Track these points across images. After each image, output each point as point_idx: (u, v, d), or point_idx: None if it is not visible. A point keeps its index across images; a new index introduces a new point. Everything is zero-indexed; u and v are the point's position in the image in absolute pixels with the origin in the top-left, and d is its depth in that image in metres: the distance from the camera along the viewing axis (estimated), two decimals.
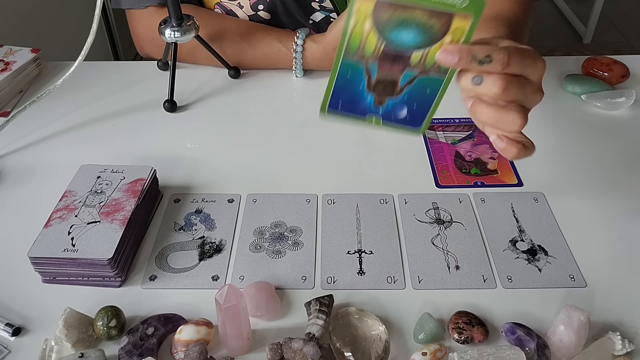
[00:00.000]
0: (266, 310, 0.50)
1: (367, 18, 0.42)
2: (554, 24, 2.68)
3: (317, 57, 0.78)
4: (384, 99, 0.46)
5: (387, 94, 0.46)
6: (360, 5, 0.41)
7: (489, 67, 0.42)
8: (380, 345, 0.47)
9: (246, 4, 0.81)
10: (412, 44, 0.43)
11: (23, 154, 0.70)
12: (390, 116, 0.47)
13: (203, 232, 0.59)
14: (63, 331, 0.47)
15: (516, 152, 0.46)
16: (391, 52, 0.43)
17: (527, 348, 0.47)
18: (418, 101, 0.46)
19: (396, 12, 0.41)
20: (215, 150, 0.71)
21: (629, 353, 0.47)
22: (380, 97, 0.46)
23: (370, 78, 0.45)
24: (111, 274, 0.53)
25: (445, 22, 0.41)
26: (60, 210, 0.56)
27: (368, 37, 0.43)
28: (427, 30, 0.42)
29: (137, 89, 0.82)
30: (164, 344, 0.49)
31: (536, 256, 0.56)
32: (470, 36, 0.42)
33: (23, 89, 0.81)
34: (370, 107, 0.46)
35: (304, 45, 0.78)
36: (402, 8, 0.41)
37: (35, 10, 1.53)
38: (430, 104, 0.46)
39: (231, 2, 0.82)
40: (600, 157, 0.69)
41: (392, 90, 0.45)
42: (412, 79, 0.45)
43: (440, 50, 0.42)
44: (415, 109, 0.46)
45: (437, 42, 0.42)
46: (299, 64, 0.79)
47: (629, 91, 0.76)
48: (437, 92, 0.45)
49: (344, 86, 0.46)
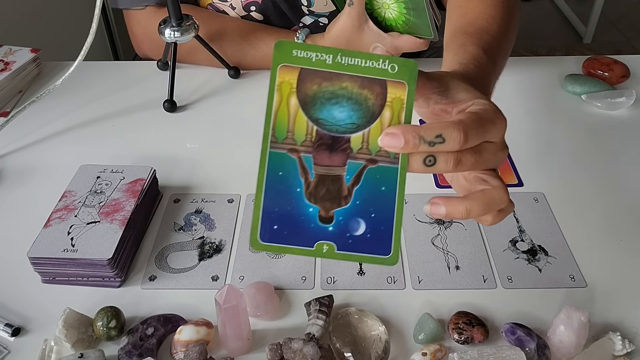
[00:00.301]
0: (266, 310, 0.50)
1: (292, 94, 0.37)
2: (554, 24, 2.68)
3: None
4: (330, 209, 0.37)
5: (334, 202, 0.37)
6: (282, 79, 0.37)
7: (442, 147, 0.36)
8: (380, 346, 0.47)
9: (238, 5, 0.81)
10: (348, 123, 0.37)
11: (23, 154, 0.70)
12: (346, 241, 0.37)
13: (203, 232, 0.59)
14: (63, 331, 0.47)
15: (491, 220, 0.41)
16: (326, 137, 0.37)
17: (527, 348, 0.47)
18: (375, 207, 0.37)
19: (323, 83, 0.37)
20: (215, 150, 0.71)
21: (629, 353, 0.47)
22: (326, 209, 0.37)
23: (308, 178, 0.37)
24: (111, 274, 0.53)
25: (380, 93, 0.37)
26: (60, 210, 0.56)
27: (296, 118, 0.37)
28: (361, 104, 0.37)
29: (136, 89, 0.81)
30: (164, 344, 0.49)
31: (536, 256, 0.56)
32: (411, 106, 0.37)
33: (23, 89, 0.81)
34: (317, 227, 0.37)
35: None
36: (328, 79, 0.37)
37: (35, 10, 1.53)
38: (392, 211, 0.37)
39: (223, 3, 0.82)
40: (600, 157, 0.69)
41: (338, 194, 0.37)
42: (359, 173, 0.37)
43: (383, 134, 0.36)
44: (375, 219, 0.37)
45: (375, 118, 0.37)
46: None
47: (629, 91, 0.76)
48: (394, 188, 0.37)
49: (277, 196, 0.37)
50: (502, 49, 0.56)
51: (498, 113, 0.40)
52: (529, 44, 2.46)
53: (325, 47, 0.37)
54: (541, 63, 0.86)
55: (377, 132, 0.37)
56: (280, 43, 0.37)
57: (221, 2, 0.82)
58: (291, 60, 0.37)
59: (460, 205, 0.38)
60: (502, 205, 0.40)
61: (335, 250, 0.37)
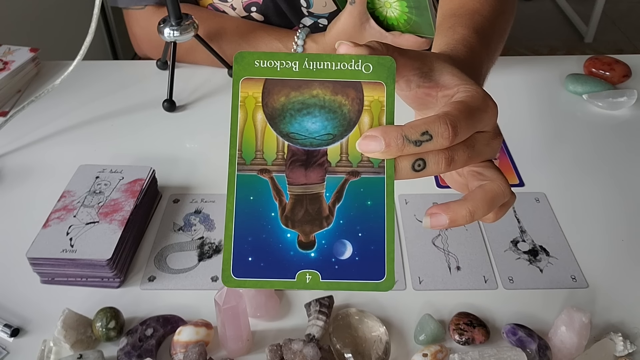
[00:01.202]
0: (266, 311, 0.50)
1: (258, 108, 0.33)
2: (556, 23, 2.67)
3: None
4: (310, 233, 0.32)
5: (314, 224, 0.32)
6: (246, 94, 0.33)
7: (430, 145, 0.32)
8: (380, 347, 0.47)
9: (239, 6, 0.81)
10: (323, 134, 0.33)
11: (21, 154, 0.70)
12: (329, 263, 0.32)
13: (202, 233, 0.59)
14: (62, 332, 0.47)
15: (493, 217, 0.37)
16: (300, 152, 0.33)
17: (529, 349, 0.46)
18: (362, 225, 0.32)
19: (291, 94, 0.33)
20: (214, 150, 0.71)
21: (630, 354, 0.47)
22: (305, 232, 0.32)
23: (283, 200, 0.33)
24: (110, 274, 0.52)
25: (356, 97, 0.33)
26: (59, 210, 0.56)
27: (265, 135, 0.33)
28: (335, 111, 0.33)
29: (136, 89, 0.81)
30: (163, 345, 0.49)
31: (537, 257, 0.56)
32: (392, 107, 0.33)
33: (21, 89, 0.80)
34: (297, 254, 0.32)
35: (304, 45, 0.77)
36: (297, 88, 0.33)
37: (34, 10, 1.53)
38: (382, 227, 0.32)
39: (224, 4, 0.82)
40: (601, 157, 0.68)
41: (318, 215, 0.32)
42: (340, 189, 0.33)
43: (361, 138, 0.32)
44: (363, 239, 0.32)
45: (353, 126, 0.33)
46: None
47: (630, 91, 0.75)
48: (382, 200, 0.32)
49: (249, 223, 0.32)
50: (496, 30, 0.51)
51: (487, 99, 0.36)
52: (530, 44, 2.45)
53: (289, 54, 0.34)
54: (542, 62, 0.86)
55: (357, 141, 0.33)
56: (240, 54, 0.33)
57: (221, 2, 0.82)
58: (254, 72, 0.33)
59: (462, 210, 0.34)
60: (505, 199, 0.36)
61: (320, 280, 0.32)
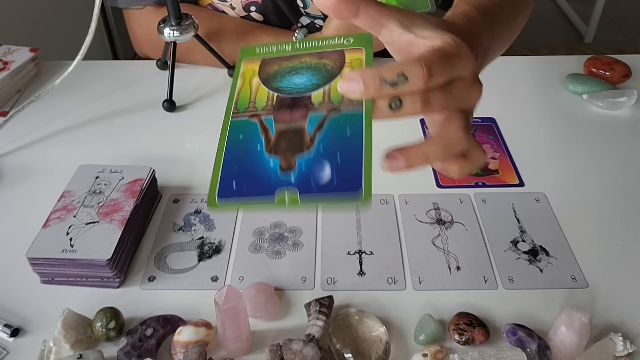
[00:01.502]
0: (266, 311, 0.50)
1: (254, 75, 0.38)
2: (556, 23, 2.67)
3: None
4: (292, 158, 0.34)
5: (295, 150, 0.34)
6: (245, 68, 0.39)
7: (406, 87, 0.34)
8: (380, 347, 0.47)
9: (238, 5, 0.81)
10: (308, 85, 0.36)
11: (21, 154, 0.70)
12: (309, 184, 0.33)
13: (202, 233, 0.59)
14: (62, 332, 0.47)
15: (457, 169, 0.38)
16: (287, 99, 0.36)
17: (528, 349, 0.46)
18: (341, 149, 0.34)
19: (283, 63, 0.38)
20: (214, 150, 0.70)
21: (630, 354, 0.47)
22: (287, 158, 0.34)
23: (269, 135, 0.35)
24: (110, 274, 0.52)
25: (338, 59, 0.37)
26: (59, 210, 0.56)
27: (258, 91, 0.37)
28: (320, 69, 0.37)
29: (135, 89, 0.81)
30: (163, 345, 0.49)
31: (537, 257, 0.56)
32: (370, 62, 0.37)
33: (21, 89, 0.80)
34: (278, 177, 0.34)
35: None
36: (289, 59, 0.38)
37: (34, 10, 1.53)
38: (360, 150, 0.34)
39: (223, 4, 0.82)
40: (601, 157, 0.68)
41: (300, 143, 0.34)
42: (321, 122, 0.35)
43: (341, 80, 0.34)
44: (342, 163, 0.33)
45: (336, 77, 0.36)
46: None
47: (630, 91, 0.75)
48: (360, 129, 0.34)
49: (237, 155, 0.35)
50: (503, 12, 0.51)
51: (462, 46, 0.36)
52: (530, 43, 2.45)
53: (284, 41, 0.40)
54: (542, 62, 0.86)
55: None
56: (245, 47, 0.40)
57: (221, 2, 0.82)
58: (254, 55, 0.40)
59: (417, 151, 0.35)
60: (459, 147, 0.36)
61: (298, 197, 0.33)
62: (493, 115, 0.75)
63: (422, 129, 0.73)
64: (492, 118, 0.74)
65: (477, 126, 0.73)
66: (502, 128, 0.73)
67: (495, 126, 0.73)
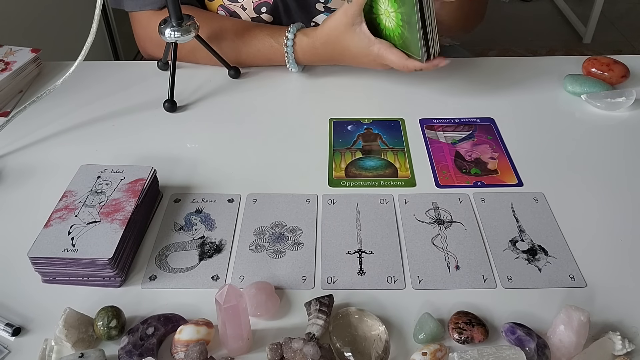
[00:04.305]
0: (266, 310, 0.50)
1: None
2: (554, 24, 2.68)
3: (307, 50, 0.77)
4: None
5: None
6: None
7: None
8: (380, 345, 0.47)
9: (249, 6, 0.81)
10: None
11: (23, 154, 0.70)
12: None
13: (203, 232, 0.59)
14: (63, 331, 0.47)
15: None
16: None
17: (527, 348, 0.47)
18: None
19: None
20: (215, 150, 0.71)
21: (629, 353, 0.47)
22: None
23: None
24: (111, 274, 0.53)
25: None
26: (60, 210, 0.56)
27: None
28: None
29: (137, 89, 0.81)
30: (164, 344, 0.49)
31: (536, 256, 0.56)
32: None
33: (23, 89, 0.81)
34: None
35: (295, 39, 0.77)
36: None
37: (36, 10, 1.53)
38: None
39: (234, 4, 0.82)
40: (600, 157, 0.69)
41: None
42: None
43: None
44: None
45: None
46: (291, 58, 0.79)
47: (629, 91, 0.76)
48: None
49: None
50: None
51: None
52: (529, 44, 2.46)
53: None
54: (541, 63, 0.87)
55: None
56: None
57: (232, 3, 0.82)
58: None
59: None
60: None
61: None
62: (492, 116, 0.75)
63: (422, 130, 0.74)
64: (491, 118, 0.75)
65: (476, 126, 0.74)
66: (501, 128, 0.73)
67: (494, 126, 0.74)
